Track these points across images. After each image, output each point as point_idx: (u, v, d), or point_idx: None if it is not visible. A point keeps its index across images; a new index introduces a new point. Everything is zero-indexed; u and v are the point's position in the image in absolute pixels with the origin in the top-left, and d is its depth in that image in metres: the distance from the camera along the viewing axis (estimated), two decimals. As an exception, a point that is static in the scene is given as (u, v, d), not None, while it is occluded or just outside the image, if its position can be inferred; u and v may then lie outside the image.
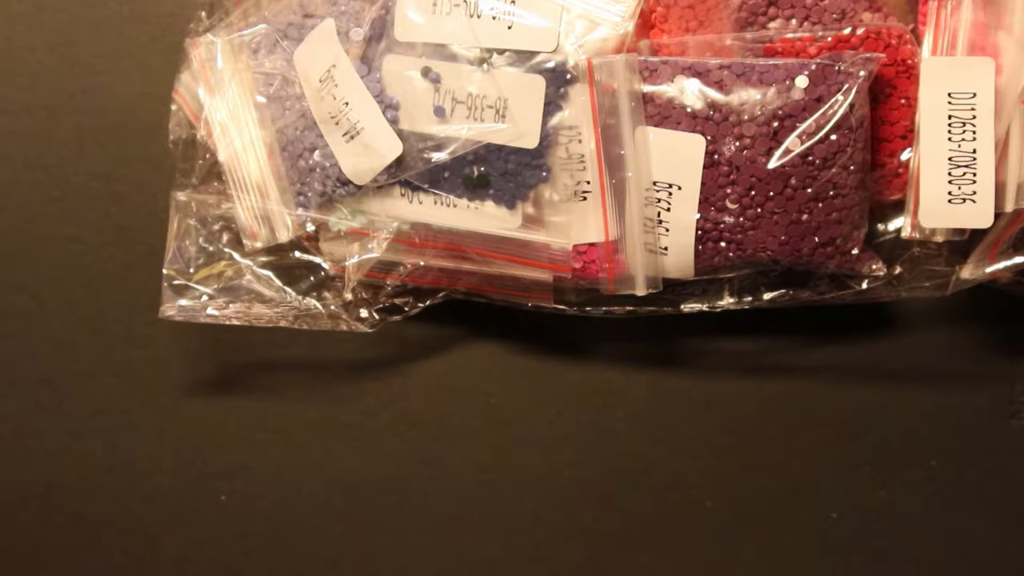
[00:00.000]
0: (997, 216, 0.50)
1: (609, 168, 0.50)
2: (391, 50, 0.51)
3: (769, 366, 0.58)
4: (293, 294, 0.56)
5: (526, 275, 0.53)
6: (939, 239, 0.51)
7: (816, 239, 0.51)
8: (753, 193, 0.50)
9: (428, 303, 0.56)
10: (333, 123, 0.52)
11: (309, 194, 0.54)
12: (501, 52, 0.50)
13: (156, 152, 0.58)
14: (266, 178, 0.54)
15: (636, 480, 0.58)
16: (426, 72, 0.50)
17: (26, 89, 0.60)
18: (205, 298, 0.55)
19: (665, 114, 0.50)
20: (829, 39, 0.50)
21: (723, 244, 0.51)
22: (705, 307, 0.55)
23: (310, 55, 0.52)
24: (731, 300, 0.54)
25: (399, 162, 0.51)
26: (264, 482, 0.59)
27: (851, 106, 0.49)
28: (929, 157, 0.49)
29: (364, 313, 0.56)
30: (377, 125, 0.51)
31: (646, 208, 0.51)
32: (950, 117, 0.49)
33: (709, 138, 0.50)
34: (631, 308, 0.55)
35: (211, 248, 0.56)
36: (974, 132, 0.49)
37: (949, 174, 0.49)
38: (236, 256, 0.56)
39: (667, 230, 0.51)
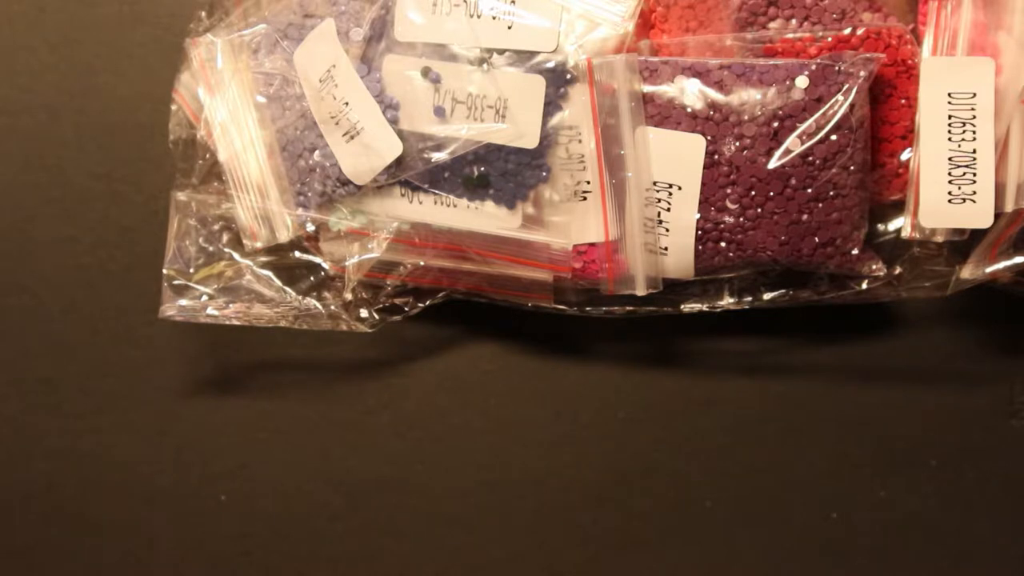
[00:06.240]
0: (997, 216, 0.49)
1: (609, 168, 0.50)
2: (391, 50, 0.51)
3: (769, 366, 0.58)
4: (293, 294, 0.56)
5: (526, 275, 0.53)
6: (939, 239, 0.51)
7: (816, 239, 0.50)
8: (753, 193, 0.50)
9: (428, 303, 0.56)
10: (333, 123, 0.52)
11: (309, 194, 0.54)
12: (501, 52, 0.50)
13: (156, 152, 0.58)
14: (266, 178, 0.54)
15: (636, 480, 0.58)
16: (426, 72, 0.50)
17: (26, 89, 0.60)
18: (205, 298, 0.55)
19: (665, 114, 0.50)
20: (829, 39, 0.50)
21: (723, 244, 0.51)
22: (705, 307, 0.54)
23: (310, 55, 0.52)
24: (731, 300, 0.54)
25: (399, 162, 0.51)
26: (264, 482, 0.59)
27: (851, 106, 0.49)
28: (929, 157, 0.49)
29: (364, 313, 0.56)
30: (377, 125, 0.51)
31: (646, 208, 0.51)
32: (950, 117, 0.49)
33: (709, 138, 0.50)
34: (631, 308, 0.55)
35: (211, 248, 0.55)
36: (974, 132, 0.49)
37: (949, 174, 0.49)
38: (236, 256, 0.56)
39: (667, 230, 0.51)
